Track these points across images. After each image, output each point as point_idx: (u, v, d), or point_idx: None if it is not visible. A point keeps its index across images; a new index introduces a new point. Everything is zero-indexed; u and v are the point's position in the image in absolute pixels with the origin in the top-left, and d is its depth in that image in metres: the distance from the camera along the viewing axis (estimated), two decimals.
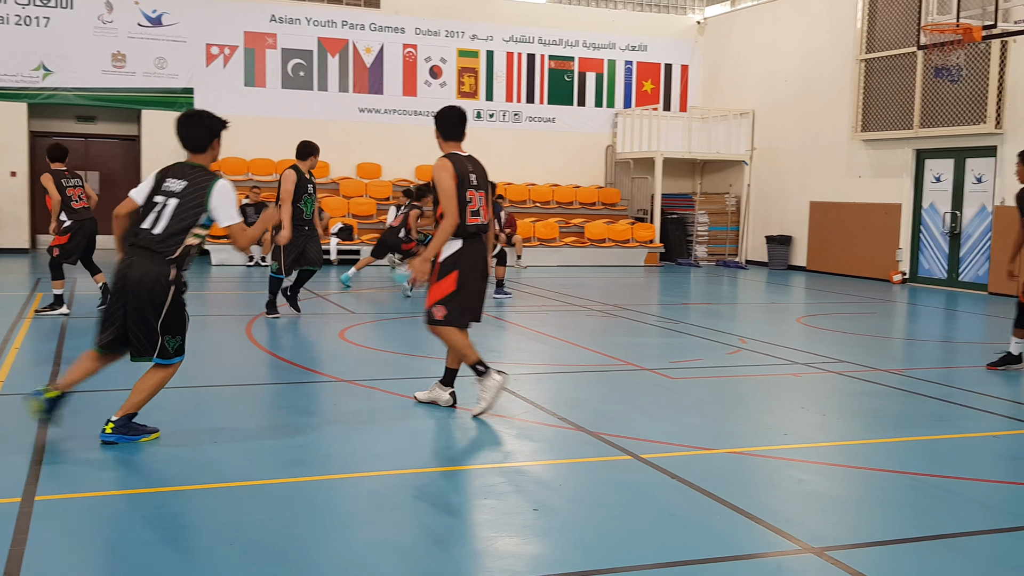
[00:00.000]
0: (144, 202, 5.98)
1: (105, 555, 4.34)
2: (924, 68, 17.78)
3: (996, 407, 7.87)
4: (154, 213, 5.90)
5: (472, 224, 6.88)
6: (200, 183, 5.95)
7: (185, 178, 5.96)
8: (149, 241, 5.86)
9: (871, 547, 4.65)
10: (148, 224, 5.88)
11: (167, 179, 5.99)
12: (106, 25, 20.67)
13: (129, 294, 5.83)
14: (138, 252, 5.86)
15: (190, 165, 6.08)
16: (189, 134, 6.09)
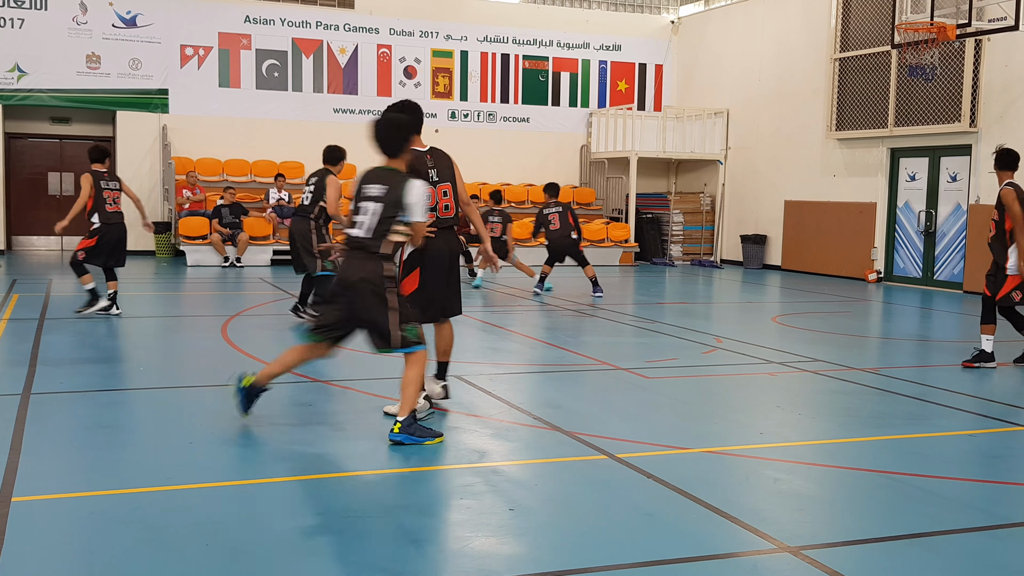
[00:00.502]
0: (352, 208, 6.32)
1: (81, 557, 4.30)
2: (898, 67, 17.89)
3: (971, 405, 7.92)
4: (360, 217, 6.22)
5: (431, 219, 6.85)
6: (397, 184, 6.24)
7: (383, 182, 6.28)
8: (360, 243, 6.19)
9: (847, 546, 4.67)
10: (356, 229, 6.22)
11: (366, 185, 6.32)
12: (80, 26, 20.52)
13: (353, 294, 6.14)
14: (352, 254, 6.23)
15: (386, 169, 6.37)
16: (385, 139, 6.43)
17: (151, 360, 9.55)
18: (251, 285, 16.17)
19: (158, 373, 8.84)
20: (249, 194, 21.07)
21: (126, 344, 10.49)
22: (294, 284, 15.93)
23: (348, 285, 6.15)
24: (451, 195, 7.12)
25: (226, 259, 19.18)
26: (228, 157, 21.78)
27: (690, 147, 23.45)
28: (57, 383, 7.84)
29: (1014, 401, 8.08)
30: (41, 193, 21.67)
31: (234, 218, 19.47)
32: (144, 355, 9.84)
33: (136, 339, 10.91)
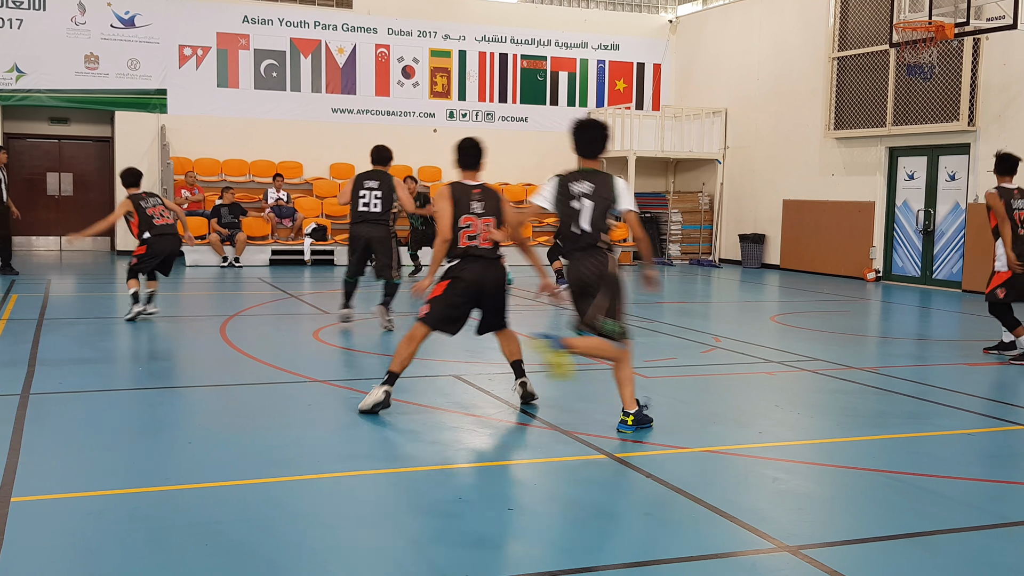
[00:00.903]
0: (555, 209, 6.64)
1: (81, 557, 4.30)
2: (896, 66, 17.89)
3: (971, 405, 7.93)
4: (577, 217, 6.52)
5: (465, 247, 7.15)
6: (604, 182, 6.61)
7: (590, 180, 6.60)
8: (587, 242, 6.49)
9: (846, 545, 4.67)
10: (577, 228, 6.52)
11: (571, 184, 6.62)
12: (79, 27, 20.51)
13: (590, 287, 6.48)
14: (580, 253, 6.54)
15: (587, 170, 6.69)
16: (590, 141, 6.75)
17: (151, 360, 9.55)
18: (250, 285, 16.17)
19: (157, 373, 8.84)
20: (247, 194, 21.06)
21: (125, 344, 10.49)
22: (292, 284, 15.93)
23: (587, 282, 6.47)
24: (490, 229, 7.38)
25: (224, 259, 19.18)
26: (226, 157, 21.78)
27: (688, 146, 23.45)
28: (56, 383, 7.84)
29: (1013, 400, 8.08)
30: (40, 193, 21.65)
31: (233, 218, 19.47)
32: (143, 355, 9.84)
33: (135, 339, 10.91)
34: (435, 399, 7.54)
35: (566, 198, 6.58)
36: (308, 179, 22.25)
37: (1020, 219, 9.68)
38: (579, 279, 6.52)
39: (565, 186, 6.62)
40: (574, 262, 6.57)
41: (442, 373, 8.67)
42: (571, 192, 6.57)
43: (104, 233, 22.08)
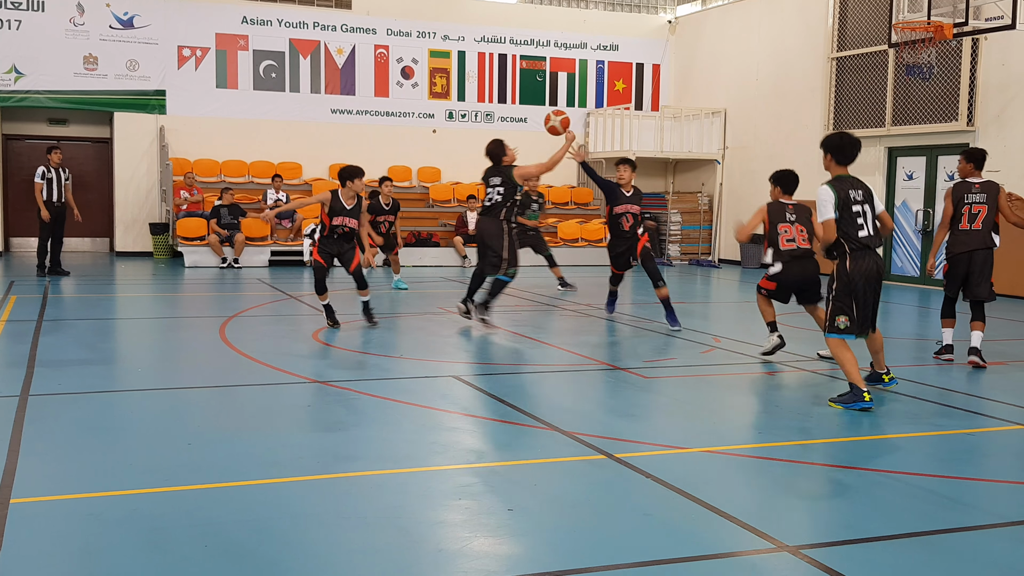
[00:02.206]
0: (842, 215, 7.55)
1: (80, 559, 4.30)
2: (895, 66, 17.90)
3: (969, 404, 7.93)
4: (862, 219, 7.56)
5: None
6: (867, 189, 7.80)
7: (861, 188, 7.73)
8: (876, 243, 7.61)
9: (846, 545, 4.67)
10: (865, 232, 7.57)
11: (851, 190, 7.62)
12: (77, 27, 20.51)
13: (874, 285, 7.58)
14: (872, 253, 7.59)
15: (852, 176, 7.80)
16: (854, 151, 7.87)
17: (149, 361, 9.55)
18: (249, 286, 16.17)
19: (156, 374, 8.84)
20: (247, 195, 21.06)
21: (124, 345, 10.50)
22: (291, 285, 15.92)
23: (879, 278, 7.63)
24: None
25: (224, 260, 19.18)
26: (226, 158, 21.78)
27: (688, 147, 23.46)
28: (55, 384, 7.84)
29: (1011, 400, 8.08)
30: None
31: (232, 219, 19.46)
32: (142, 356, 9.84)
33: (134, 340, 10.91)
34: (434, 400, 7.54)
35: (850, 203, 7.57)
36: (307, 180, 22.25)
37: (973, 212, 9.63)
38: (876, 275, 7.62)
39: (848, 193, 7.62)
40: (870, 258, 7.58)
41: (441, 374, 8.67)
42: (853, 198, 7.59)
43: (102, 234, 22.17)
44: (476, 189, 22.58)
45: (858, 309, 7.51)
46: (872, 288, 7.55)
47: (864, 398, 7.35)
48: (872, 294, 7.56)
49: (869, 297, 7.54)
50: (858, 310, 7.51)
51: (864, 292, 7.50)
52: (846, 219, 7.53)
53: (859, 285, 7.49)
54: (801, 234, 9.64)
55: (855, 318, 7.51)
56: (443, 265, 20.66)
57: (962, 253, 9.59)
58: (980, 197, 9.58)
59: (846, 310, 7.50)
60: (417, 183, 23.18)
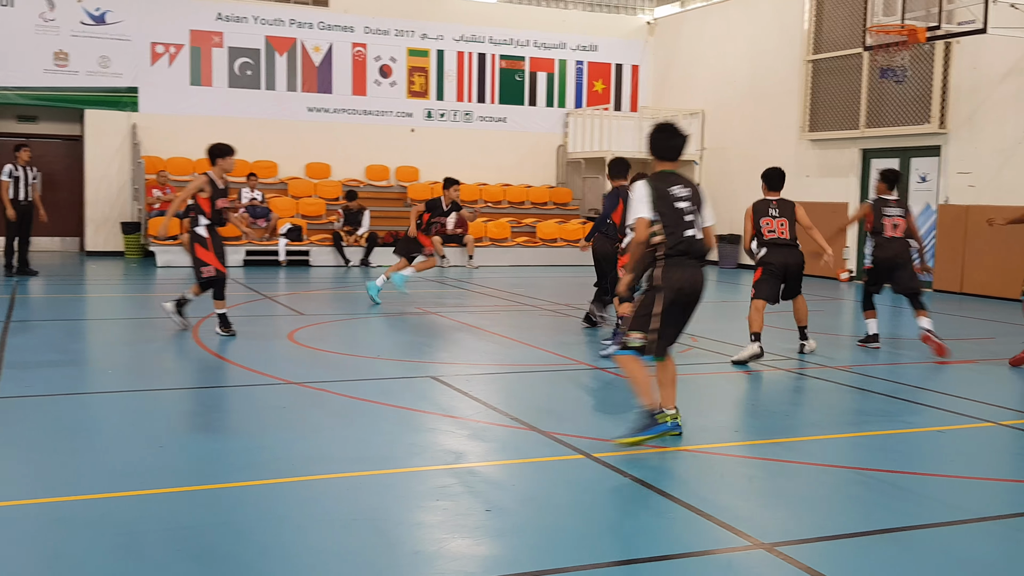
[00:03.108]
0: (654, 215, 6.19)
1: (49, 564, 4.25)
2: (870, 69, 18.01)
3: (942, 403, 7.98)
4: (689, 219, 6.24)
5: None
6: (693, 186, 6.43)
7: (684, 185, 6.36)
8: (700, 249, 6.29)
9: (820, 542, 4.68)
10: (692, 232, 6.25)
11: (672, 187, 6.29)
12: (48, 23, 20.32)
13: (693, 300, 6.29)
14: (690, 261, 6.23)
15: (672, 172, 6.42)
16: (675, 144, 6.48)
17: (120, 363, 9.46)
18: None
19: (128, 376, 8.76)
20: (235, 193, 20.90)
21: (95, 347, 10.41)
22: (266, 285, 15.85)
23: (694, 291, 6.28)
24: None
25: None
26: (199, 156, 21.53)
27: None
28: (24, 386, 7.75)
29: (982, 398, 8.14)
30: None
31: None
32: (113, 358, 9.75)
33: (105, 341, 10.82)
34: (413, 400, 7.51)
35: (666, 201, 6.25)
36: (283, 179, 22.16)
37: (892, 224, 10.58)
38: (691, 287, 6.26)
39: (663, 190, 6.29)
40: (684, 268, 6.24)
41: (419, 375, 8.64)
42: (672, 195, 6.27)
43: (73, 233, 21.97)
44: None
45: (662, 327, 6.21)
46: (683, 306, 6.29)
47: (658, 420, 6.24)
48: (683, 313, 6.33)
49: (679, 316, 6.31)
50: (662, 328, 6.21)
51: (674, 309, 6.22)
52: (666, 218, 6.20)
53: (668, 299, 6.18)
54: (782, 227, 10.07)
55: (656, 338, 6.23)
56: None
57: (888, 258, 10.59)
58: (898, 211, 10.63)
59: (644, 326, 6.21)
60: (395, 182, 23.12)
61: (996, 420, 7.29)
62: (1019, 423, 7.20)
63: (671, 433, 6.29)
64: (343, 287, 16.60)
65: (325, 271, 19.05)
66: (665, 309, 6.18)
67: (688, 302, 6.27)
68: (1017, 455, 6.46)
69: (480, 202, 23.22)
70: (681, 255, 6.18)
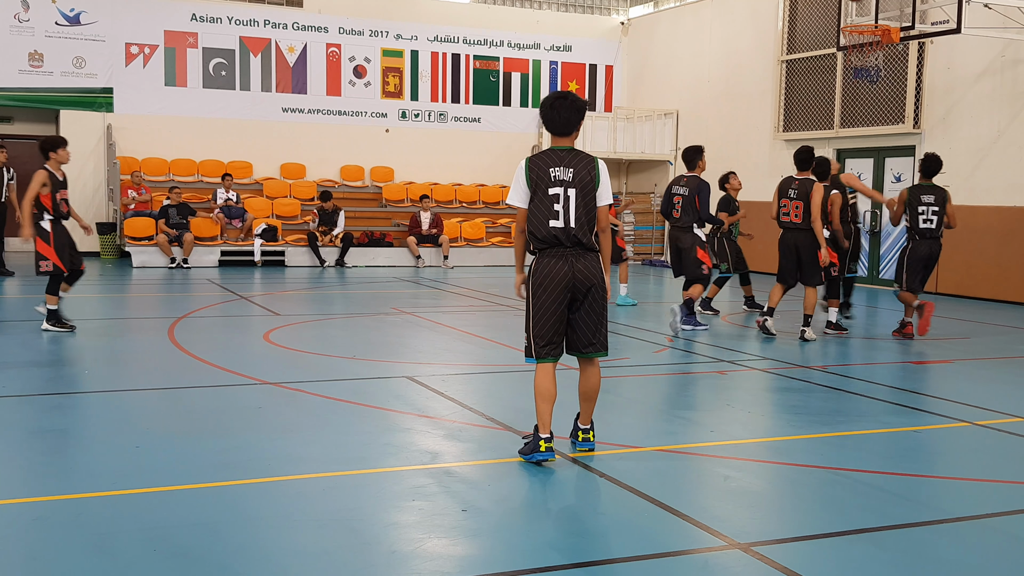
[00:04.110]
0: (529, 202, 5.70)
1: (24, 564, 4.21)
2: (844, 69, 18.12)
3: (918, 402, 8.04)
4: (559, 205, 5.64)
5: None
6: (587, 164, 5.77)
7: (569, 164, 5.71)
8: (576, 236, 5.65)
9: (796, 542, 4.71)
10: (561, 222, 5.63)
11: (551, 168, 5.68)
12: (22, 24, 20.15)
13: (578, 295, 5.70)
14: (569, 252, 5.67)
15: (557, 150, 5.79)
16: (564, 117, 5.80)
17: (96, 363, 9.40)
18: (198, 286, 15.99)
19: (104, 376, 8.71)
20: (196, 194, 20.83)
21: (71, 347, 10.32)
22: (242, 285, 15.77)
23: (577, 285, 5.69)
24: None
25: (172, 260, 18.95)
26: (174, 157, 21.52)
27: (640, 147, 23.58)
28: (0, 387, 7.68)
29: (958, 398, 8.21)
30: None
31: (181, 219, 19.24)
32: (89, 358, 9.68)
33: (81, 342, 10.73)
34: (388, 401, 7.50)
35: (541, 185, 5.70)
36: (258, 179, 22.06)
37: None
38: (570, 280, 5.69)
39: (540, 173, 5.73)
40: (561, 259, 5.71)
41: (395, 375, 8.63)
42: (551, 178, 5.71)
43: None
44: (429, 189, 22.56)
45: (536, 326, 5.73)
46: (561, 300, 5.68)
47: (540, 447, 5.74)
48: (560, 307, 5.70)
49: (560, 311, 5.71)
50: (536, 327, 5.73)
51: (553, 304, 5.68)
52: (537, 204, 5.68)
53: (540, 295, 5.69)
54: (797, 210, 10.56)
55: (540, 338, 5.76)
56: (396, 265, 20.58)
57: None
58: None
59: (529, 327, 5.78)
60: (370, 183, 23.07)
61: (972, 420, 7.35)
62: (995, 423, 7.26)
63: (545, 462, 5.79)
64: (318, 287, 16.54)
65: (300, 271, 18.99)
66: (536, 307, 5.69)
67: (569, 297, 5.68)
68: (993, 455, 6.51)
69: (455, 202, 23.21)
70: (552, 246, 5.67)
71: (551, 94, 5.89)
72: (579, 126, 5.89)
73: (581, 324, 5.80)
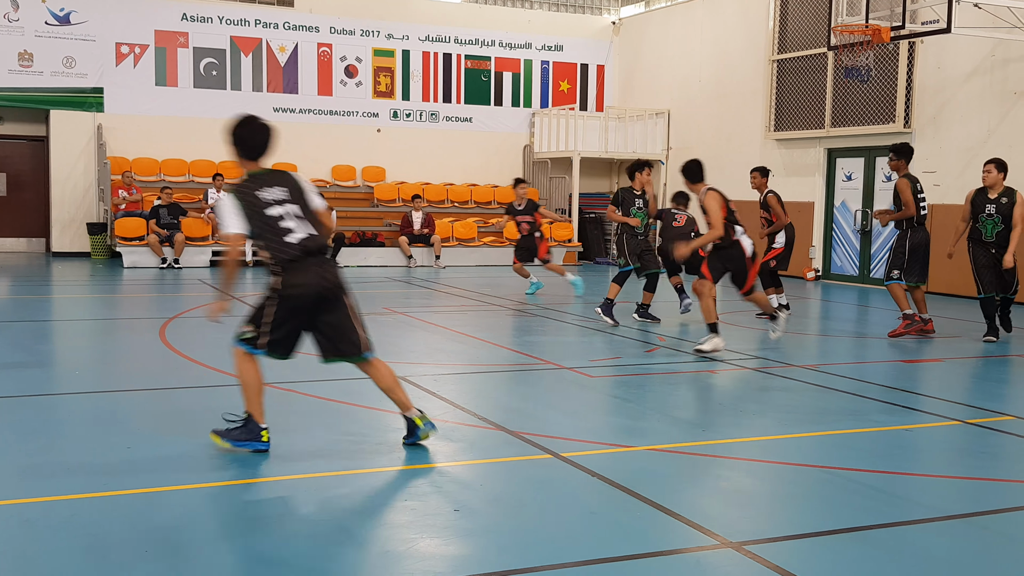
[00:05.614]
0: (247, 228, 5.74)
1: (15, 567, 4.20)
2: (835, 68, 18.16)
3: (908, 401, 8.06)
4: (286, 225, 5.76)
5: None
6: (289, 180, 6.04)
7: (275, 184, 5.92)
8: (313, 246, 5.81)
9: (788, 541, 4.71)
10: (296, 237, 5.76)
11: (260, 192, 5.81)
12: (12, 24, 20.09)
13: (326, 299, 5.82)
14: (311, 261, 5.79)
15: (260, 174, 5.99)
16: (260, 141, 6.01)
17: (87, 364, 9.37)
18: (189, 287, 15.95)
19: (94, 377, 8.68)
20: (187, 194, 20.79)
21: (61, 348, 10.30)
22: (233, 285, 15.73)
23: (318, 295, 5.79)
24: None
25: (163, 260, 18.91)
26: (165, 157, 21.48)
27: (632, 147, 23.59)
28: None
29: (949, 396, 8.23)
30: None
31: (172, 219, 19.20)
32: (80, 359, 9.66)
33: (71, 342, 10.71)
34: (380, 401, 7.48)
35: (259, 207, 5.78)
36: None
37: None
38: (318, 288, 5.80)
39: (253, 195, 5.81)
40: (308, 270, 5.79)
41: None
42: (266, 199, 5.80)
43: (38, 234, 21.74)
44: (421, 188, 22.54)
45: (275, 329, 5.82)
46: (312, 308, 5.82)
47: (261, 437, 5.88)
48: (318, 314, 5.86)
49: (302, 318, 5.84)
50: (274, 330, 5.82)
51: (298, 313, 5.81)
52: (263, 227, 5.75)
53: (285, 305, 5.78)
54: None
55: (267, 339, 5.87)
56: (388, 265, 20.56)
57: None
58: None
59: (257, 321, 5.88)
60: (361, 183, 23.05)
61: (963, 419, 7.37)
62: (985, 421, 7.28)
63: (259, 451, 5.86)
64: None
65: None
66: (280, 314, 5.77)
67: (315, 305, 5.79)
68: (983, 453, 6.53)
69: (447, 202, 23.19)
70: (293, 260, 5.72)
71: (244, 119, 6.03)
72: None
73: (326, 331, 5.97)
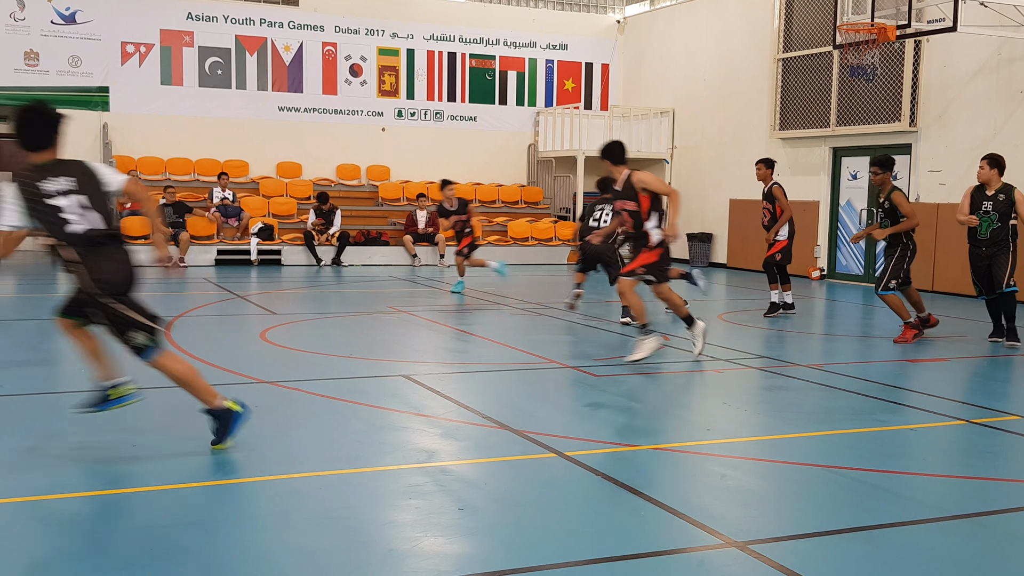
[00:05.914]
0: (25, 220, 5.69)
1: (19, 564, 4.20)
2: (840, 67, 18.12)
3: (912, 400, 8.05)
4: (72, 215, 5.72)
5: None
6: (77, 169, 5.95)
7: (61, 174, 5.84)
8: (93, 236, 5.82)
9: (792, 540, 4.71)
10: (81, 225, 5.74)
11: (42, 183, 5.75)
12: (18, 23, 20.12)
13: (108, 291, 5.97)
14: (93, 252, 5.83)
15: (47, 164, 5.93)
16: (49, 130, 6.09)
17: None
18: (195, 285, 15.98)
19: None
20: (192, 193, 20.82)
21: (67, 346, 10.29)
22: (238, 284, 15.76)
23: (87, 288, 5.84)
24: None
25: (168, 258, 18.90)
26: (170, 156, 21.50)
27: (636, 146, 23.56)
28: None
29: (954, 396, 8.22)
30: None
31: (177, 217, 19.23)
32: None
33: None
34: (385, 399, 7.49)
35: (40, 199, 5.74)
36: (254, 178, 22.05)
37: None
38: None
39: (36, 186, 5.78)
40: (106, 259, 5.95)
41: (391, 373, 8.62)
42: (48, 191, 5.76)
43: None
44: (425, 187, 22.55)
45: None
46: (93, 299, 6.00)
47: (232, 408, 6.01)
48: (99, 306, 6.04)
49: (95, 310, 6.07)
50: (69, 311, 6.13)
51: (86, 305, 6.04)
52: (44, 218, 5.70)
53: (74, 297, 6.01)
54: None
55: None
56: (393, 264, 20.57)
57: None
58: None
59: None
60: (366, 182, 23.06)
61: (968, 418, 7.36)
62: (990, 421, 7.27)
63: (246, 414, 6.05)
64: (315, 286, 16.53)
65: (297, 270, 18.98)
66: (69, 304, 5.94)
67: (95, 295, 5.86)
68: (988, 453, 6.52)
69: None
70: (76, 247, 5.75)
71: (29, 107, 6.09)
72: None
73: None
